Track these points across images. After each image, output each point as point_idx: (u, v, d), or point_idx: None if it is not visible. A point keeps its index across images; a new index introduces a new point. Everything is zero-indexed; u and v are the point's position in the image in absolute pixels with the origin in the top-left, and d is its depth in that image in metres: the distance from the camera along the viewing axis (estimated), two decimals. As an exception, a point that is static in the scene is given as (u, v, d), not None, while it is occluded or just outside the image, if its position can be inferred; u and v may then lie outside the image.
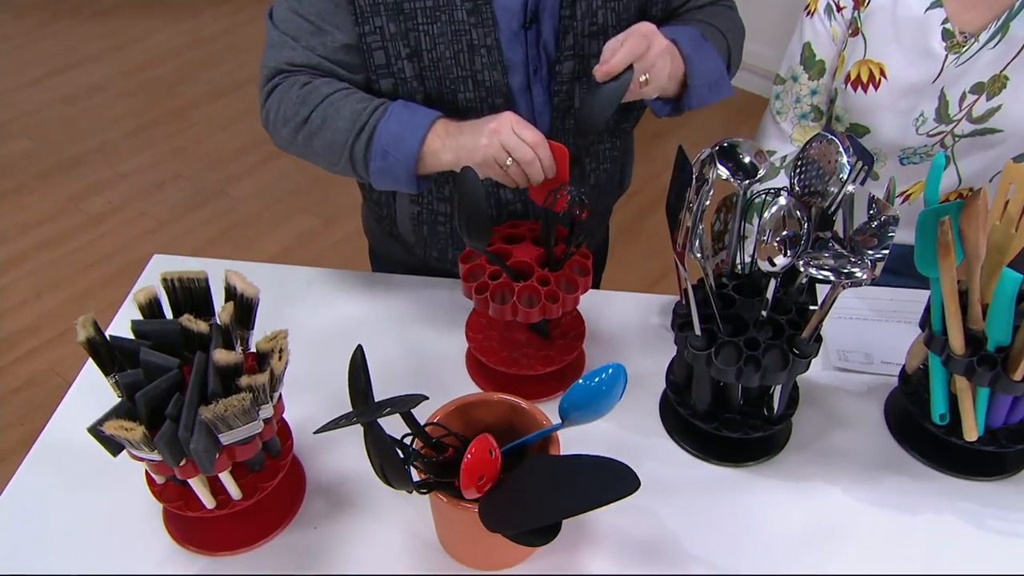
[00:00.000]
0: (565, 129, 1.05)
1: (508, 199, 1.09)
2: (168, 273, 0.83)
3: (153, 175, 2.90)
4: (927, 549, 0.88)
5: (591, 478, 0.67)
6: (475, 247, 0.92)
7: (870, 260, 0.79)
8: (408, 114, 0.95)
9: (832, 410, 1.02)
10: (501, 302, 0.94)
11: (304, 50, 0.98)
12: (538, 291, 0.93)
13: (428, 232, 1.15)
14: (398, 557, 0.87)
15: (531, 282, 0.94)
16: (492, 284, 0.94)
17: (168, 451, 0.73)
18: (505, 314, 0.93)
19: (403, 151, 0.94)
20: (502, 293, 0.94)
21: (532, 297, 0.93)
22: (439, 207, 1.11)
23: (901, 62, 1.09)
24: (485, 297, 0.94)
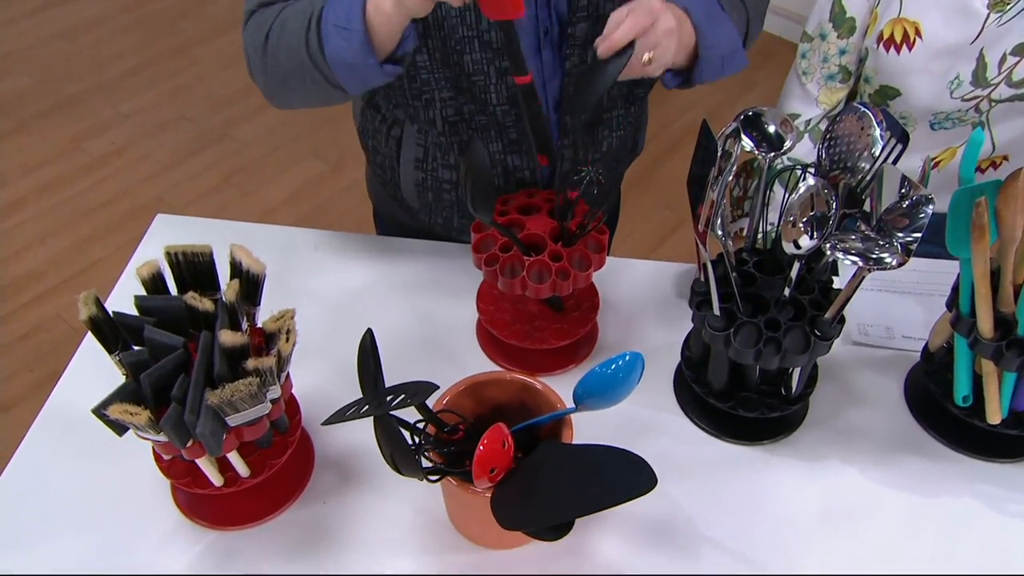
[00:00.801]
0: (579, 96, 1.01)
1: (515, 165, 1.05)
2: (172, 247, 0.80)
3: (156, 115, 2.84)
4: (945, 532, 0.87)
5: (607, 474, 0.65)
6: (481, 218, 0.88)
7: (900, 244, 0.76)
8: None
9: (850, 387, 1.00)
10: (511, 275, 0.91)
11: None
12: (549, 267, 0.90)
13: (433, 199, 1.11)
14: (408, 534, 0.87)
15: (542, 257, 0.91)
16: (503, 257, 0.91)
17: (174, 434, 0.72)
18: (514, 288, 0.90)
19: (350, 17, 0.85)
20: (512, 266, 0.92)
21: (543, 272, 0.91)
22: (444, 174, 1.07)
23: (938, 21, 1.04)
24: (495, 270, 0.91)
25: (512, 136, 1.01)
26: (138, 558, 0.85)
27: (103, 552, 0.85)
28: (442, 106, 0.99)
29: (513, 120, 1.00)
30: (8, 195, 2.54)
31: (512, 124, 1.00)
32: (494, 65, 0.95)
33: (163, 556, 0.85)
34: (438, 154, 1.06)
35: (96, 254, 2.37)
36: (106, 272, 2.31)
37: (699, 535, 0.87)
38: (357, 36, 0.85)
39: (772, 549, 0.85)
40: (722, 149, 0.82)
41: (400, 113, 1.05)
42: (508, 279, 0.91)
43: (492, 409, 0.85)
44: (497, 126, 1.00)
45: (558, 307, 1.00)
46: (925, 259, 1.11)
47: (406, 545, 0.86)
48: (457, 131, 1.02)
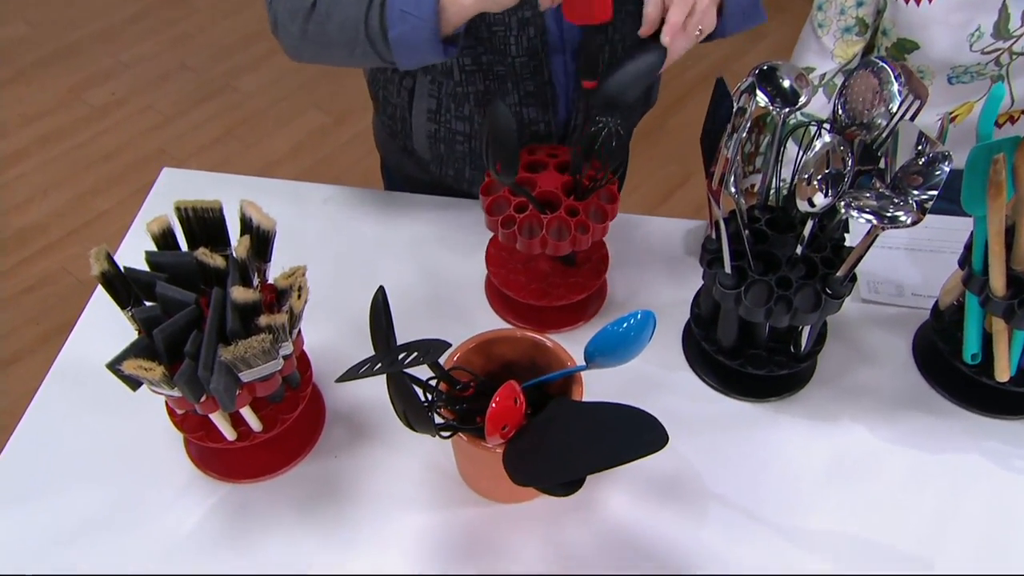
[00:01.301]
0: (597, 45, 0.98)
1: (531, 118, 1.03)
2: (182, 202, 0.80)
3: (157, 65, 2.80)
4: (950, 487, 0.88)
5: (618, 431, 0.65)
6: (504, 181, 0.87)
7: (915, 201, 0.75)
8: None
9: (859, 344, 1.00)
10: (530, 235, 0.90)
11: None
12: (567, 222, 0.89)
13: (445, 150, 1.10)
14: (418, 488, 0.88)
15: (560, 213, 0.90)
16: (519, 218, 0.91)
17: (188, 389, 0.72)
18: (534, 248, 0.90)
19: (422, 6, 0.85)
20: (530, 226, 0.91)
21: (562, 229, 0.90)
22: (457, 126, 1.06)
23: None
24: (513, 231, 0.90)
25: (529, 88, 1.00)
26: (153, 510, 0.86)
27: (118, 504, 0.86)
28: (460, 56, 0.97)
29: (531, 72, 0.98)
30: (8, 146, 2.52)
31: (530, 76, 0.99)
32: (516, 16, 0.93)
33: (177, 508, 0.86)
34: (452, 105, 1.04)
35: (100, 206, 2.36)
36: (110, 225, 2.31)
37: (706, 491, 0.88)
38: (427, 26, 0.85)
39: (778, 505, 0.86)
40: (737, 105, 0.80)
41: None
42: (527, 239, 0.90)
43: (502, 366, 0.86)
44: (515, 77, 0.98)
45: (571, 262, 1.00)
46: (937, 216, 1.10)
47: (416, 499, 0.87)
48: (473, 81, 1.00)
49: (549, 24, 0.96)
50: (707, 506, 0.86)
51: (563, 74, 1.01)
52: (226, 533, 0.84)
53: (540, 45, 0.96)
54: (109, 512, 0.86)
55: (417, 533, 0.85)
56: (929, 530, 0.85)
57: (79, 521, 0.85)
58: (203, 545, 0.83)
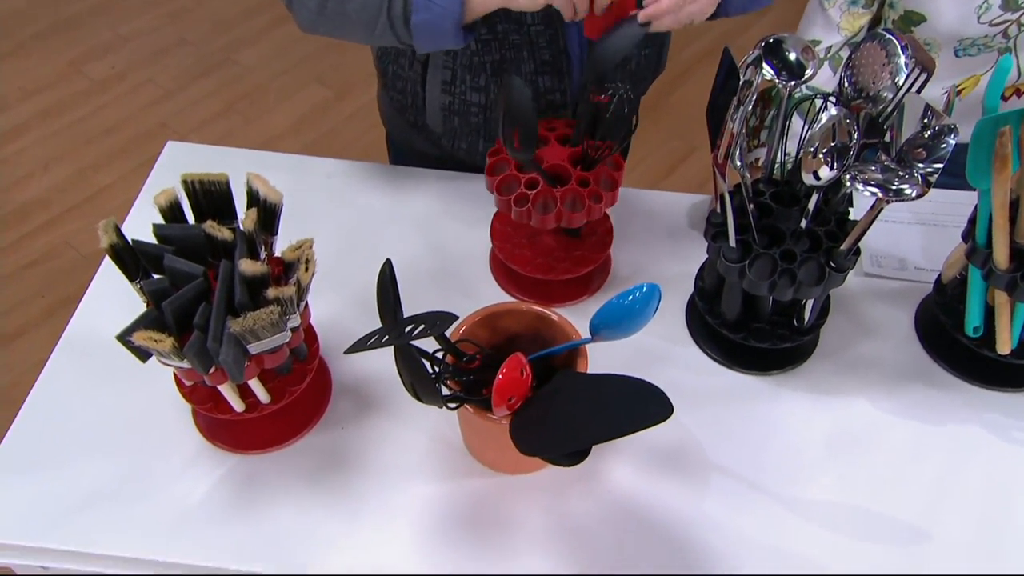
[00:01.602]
0: None
1: (547, 87, 1.03)
2: (188, 175, 0.80)
3: (156, 39, 2.78)
4: (951, 459, 0.89)
5: (623, 402, 0.66)
6: (522, 158, 0.87)
7: (920, 175, 0.76)
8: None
9: (861, 318, 1.00)
10: (544, 211, 0.90)
11: None
12: (580, 194, 0.90)
13: (459, 123, 1.10)
14: (424, 459, 0.89)
15: (572, 185, 0.90)
16: (532, 194, 0.90)
17: (198, 361, 0.73)
18: (548, 223, 0.90)
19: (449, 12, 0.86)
20: (544, 202, 0.91)
21: (576, 200, 0.90)
22: (472, 97, 1.06)
23: (967, -58, 1.01)
24: (526, 209, 0.90)
25: (545, 57, 1.00)
26: (162, 481, 0.87)
27: (128, 475, 0.87)
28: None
29: (547, 41, 0.98)
30: (8, 119, 2.51)
31: (546, 45, 0.99)
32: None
33: (186, 479, 0.87)
34: (467, 76, 1.04)
35: (101, 181, 2.35)
36: (112, 199, 2.30)
37: (709, 463, 0.89)
38: (451, 15, 0.86)
39: (780, 476, 0.87)
40: (743, 78, 0.80)
41: None
42: (541, 215, 0.90)
43: (507, 339, 0.86)
44: (530, 45, 0.98)
45: (577, 234, 1.00)
46: (941, 190, 1.10)
47: (422, 470, 0.88)
48: (489, 50, 1.00)
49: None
50: (709, 477, 0.87)
51: (577, 43, 1.01)
52: (235, 503, 0.85)
53: (556, 13, 0.95)
54: (119, 483, 0.87)
55: (423, 503, 0.86)
56: (929, 501, 0.86)
57: (89, 491, 0.86)
58: (212, 515, 0.85)
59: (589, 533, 0.84)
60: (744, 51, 0.84)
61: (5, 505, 0.85)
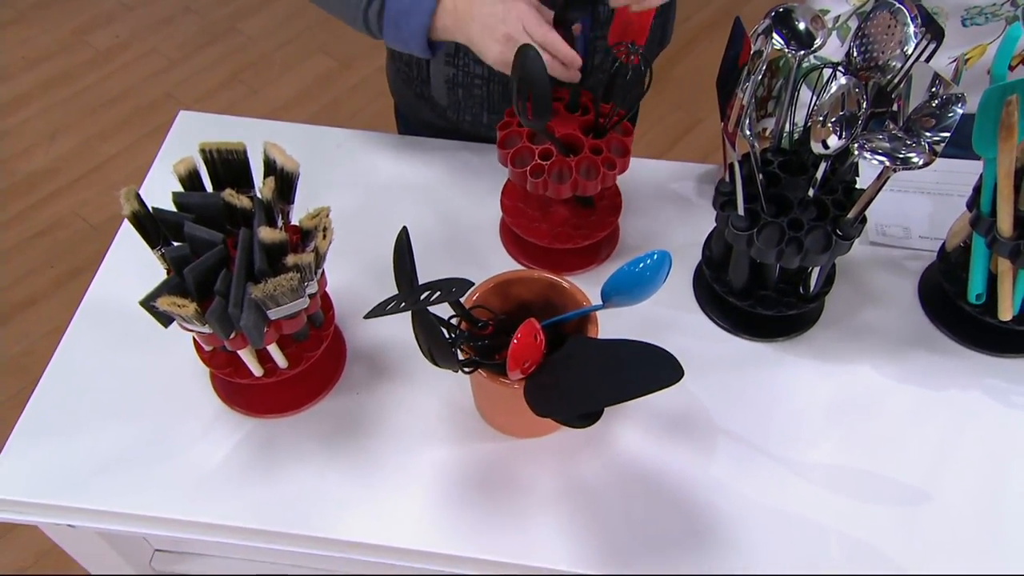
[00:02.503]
0: None
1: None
2: (207, 143, 0.81)
3: (160, 7, 2.77)
4: (952, 423, 0.91)
5: (635, 366, 0.68)
6: (536, 127, 0.88)
7: (927, 143, 0.77)
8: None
9: (866, 286, 1.02)
10: (559, 180, 0.91)
11: None
12: (595, 161, 0.91)
13: (463, 95, 1.11)
14: (437, 423, 0.91)
15: (586, 154, 0.91)
16: (547, 165, 0.92)
17: (219, 326, 0.75)
18: (563, 192, 0.91)
19: (413, 25, 0.92)
20: (560, 171, 0.92)
21: (590, 169, 0.91)
22: (476, 69, 1.07)
23: (977, -90, 1.00)
24: (543, 180, 0.91)
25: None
26: (182, 444, 0.89)
27: (149, 439, 0.89)
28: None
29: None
30: (12, 89, 2.51)
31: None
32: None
33: (206, 442, 0.89)
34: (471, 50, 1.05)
35: (107, 151, 2.36)
36: (119, 169, 2.31)
37: (715, 427, 0.91)
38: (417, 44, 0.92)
39: (785, 440, 0.90)
40: (753, 48, 0.81)
41: None
42: (557, 184, 0.91)
43: (518, 306, 0.88)
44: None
45: (591, 203, 1.01)
46: (946, 160, 1.11)
47: (435, 434, 0.90)
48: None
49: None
50: (716, 441, 0.90)
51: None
52: (253, 465, 0.88)
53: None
54: (140, 445, 0.89)
55: (435, 466, 0.88)
56: (930, 464, 0.88)
57: (111, 453, 0.88)
58: (231, 476, 0.87)
59: (598, 495, 0.86)
60: (750, 20, 0.85)
61: (32, 466, 0.87)
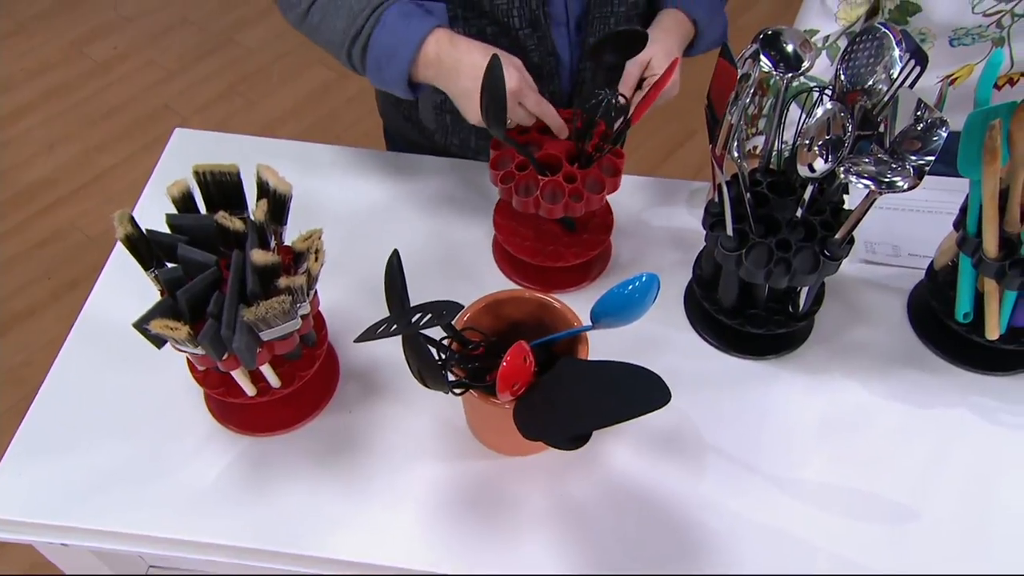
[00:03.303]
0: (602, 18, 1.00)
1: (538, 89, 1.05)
2: (200, 166, 0.82)
3: (158, 19, 2.79)
4: (939, 439, 0.92)
5: (624, 389, 0.69)
6: (494, 133, 0.90)
7: (912, 167, 0.78)
8: (402, 25, 0.90)
9: (855, 304, 1.03)
10: (525, 194, 0.93)
11: None
12: (563, 187, 0.92)
13: (451, 120, 1.12)
14: (429, 441, 0.92)
15: (556, 177, 0.92)
16: (518, 175, 0.93)
17: (212, 348, 0.76)
18: (528, 207, 0.93)
19: (394, 69, 0.92)
20: (527, 185, 0.93)
21: (556, 193, 0.92)
22: None
23: (964, -67, 1.02)
24: (510, 187, 0.93)
25: (534, 59, 1.02)
26: (175, 462, 0.90)
27: (142, 457, 0.90)
28: (464, 27, 0.99)
29: (535, 43, 1.00)
30: (13, 100, 2.52)
31: (534, 47, 1.00)
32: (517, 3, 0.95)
33: (199, 461, 0.90)
34: None
35: (106, 162, 2.37)
36: (117, 181, 2.32)
37: (706, 444, 0.91)
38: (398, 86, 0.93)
39: (774, 458, 0.90)
40: (741, 71, 0.82)
41: None
42: (522, 198, 0.93)
43: (509, 325, 0.89)
44: (520, 49, 1.00)
45: (570, 227, 1.02)
46: (933, 177, 1.12)
47: (427, 452, 0.91)
48: None
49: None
50: (706, 459, 0.90)
51: (567, 46, 1.03)
52: (246, 484, 0.88)
53: (543, 17, 0.98)
54: (134, 464, 0.89)
55: (428, 484, 0.89)
56: (918, 481, 0.89)
57: (105, 472, 0.89)
58: (225, 495, 0.88)
59: (589, 513, 0.87)
60: (741, 34, 0.86)
61: (26, 484, 0.88)
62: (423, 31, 0.90)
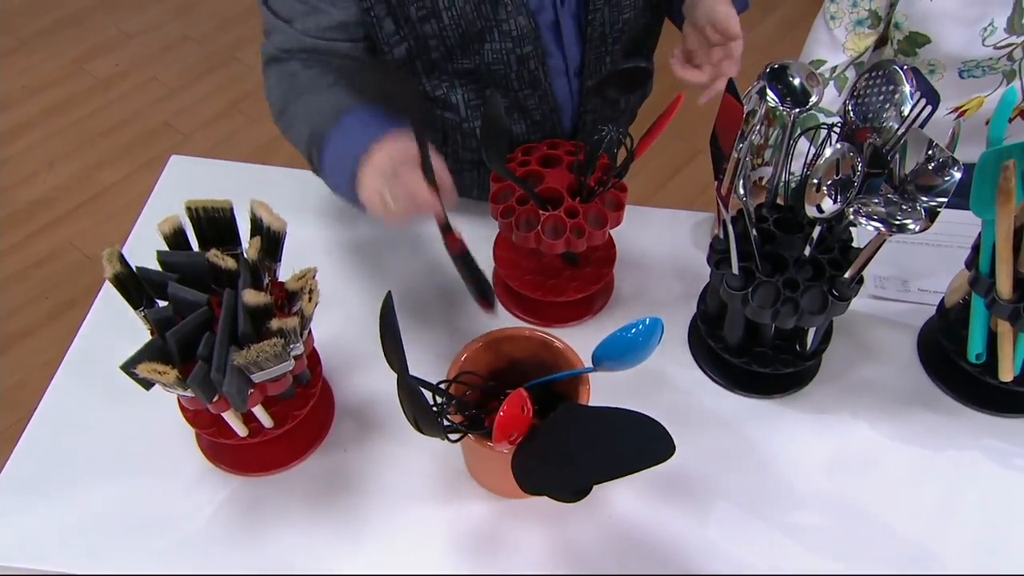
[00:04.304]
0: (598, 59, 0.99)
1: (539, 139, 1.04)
2: (192, 202, 0.80)
3: (160, 36, 2.78)
4: (950, 484, 0.89)
5: (626, 439, 0.66)
6: (494, 168, 0.88)
7: (923, 208, 0.75)
8: (343, 142, 0.85)
9: (863, 341, 1.01)
10: (527, 229, 0.91)
11: (297, 34, 0.93)
12: (564, 222, 0.90)
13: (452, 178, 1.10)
14: (426, 481, 0.89)
15: (558, 212, 0.90)
16: (519, 209, 0.91)
17: (201, 391, 0.73)
18: (528, 242, 0.91)
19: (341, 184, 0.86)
20: (528, 219, 0.91)
21: (558, 228, 0.90)
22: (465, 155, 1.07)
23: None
24: (510, 222, 0.91)
25: (536, 117, 1.02)
26: (165, 503, 0.87)
27: (131, 498, 0.88)
28: (463, 92, 0.98)
29: (536, 102, 1.00)
30: (13, 118, 2.51)
31: (535, 106, 1.00)
32: (514, 54, 0.95)
33: (189, 502, 0.88)
34: (459, 138, 1.05)
35: (105, 180, 2.35)
36: (116, 199, 2.31)
37: (710, 487, 0.89)
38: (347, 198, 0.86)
39: (782, 501, 0.88)
40: (747, 108, 0.80)
41: None
42: (523, 232, 0.90)
43: (509, 363, 0.87)
44: (520, 108, 0.99)
45: (573, 262, 1.00)
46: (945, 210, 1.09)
47: (424, 493, 0.89)
48: (479, 115, 1.02)
49: (550, 48, 0.96)
50: (711, 502, 0.88)
51: (568, 95, 1.02)
52: (238, 526, 0.86)
53: (543, 75, 0.97)
54: (121, 505, 0.87)
55: (425, 526, 0.86)
56: (930, 526, 0.86)
57: (92, 514, 0.86)
58: (216, 537, 0.85)
59: (590, 558, 0.84)
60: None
61: (8, 529, 0.85)
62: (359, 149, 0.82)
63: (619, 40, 0.98)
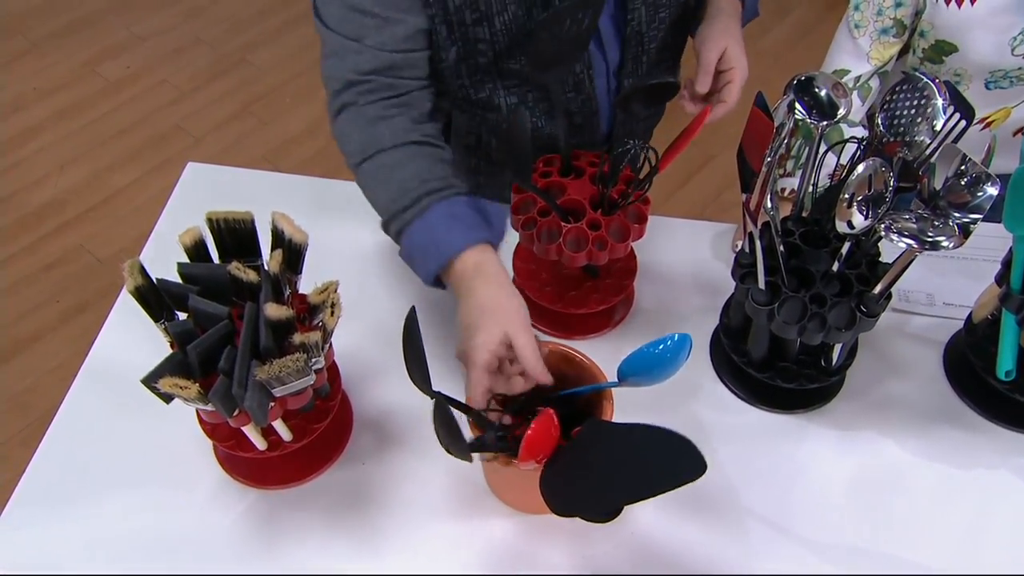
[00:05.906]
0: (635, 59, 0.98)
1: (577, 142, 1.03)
2: (213, 213, 0.79)
3: (171, 39, 2.77)
4: (978, 503, 0.88)
5: (655, 458, 0.65)
6: (519, 183, 0.87)
7: (956, 224, 0.74)
8: (443, 226, 0.83)
9: (889, 355, 0.99)
10: (548, 240, 0.90)
11: (372, 51, 0.86)
12: (586, 235, 0.88)
13: (484, 181, 1.10)
14: (445, 496, 0.88)
15: (580, 225, 0.89)
16: (540, 221, 0.90)
17: (222, 405, 0.72)
18: (550, 254, 0.89)
19: (422, 270, 0.85)
20: (549, 231, 0.90)
21: (579, 240, 0.89)
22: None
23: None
24: (532, 233, 0.90)
25: (577, 121, 1.00)
26: (182, 516, 0.87)
27: (148, 509, 0.87)
28: (506, 95, 0.97)
29: (579, 106, 0.98)
30: (24, 120, 2.51)
31: (577, 109, 0.99)
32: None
33: (208, 514, 0.87)
34: (493, 140, 1.04)
35: (117, 183, 2.35)
36: (128, 202, 2.30)
37: (734, 503, 0.88)
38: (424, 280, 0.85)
39: (806, 518, 0.87)
40: (776, 121, 0.79)
41: (446, 103, 1.01)
42: (545, 244, 0.89)
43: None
44: (563, 111, 0.98)
45: (593, 274, 0.99)
46: (970, 223, 1.08)
47: (444, 508, 0.87)
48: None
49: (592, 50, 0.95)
50: (735, 519, 0.87)
51: (605, 93, 1.01)
52: (255, 539, 0.85)
53: (587, 79, 0.96)
54: (138, 517, 0.86)
55: (444, 541, 0.85)
56: (957, 546, 0.85)
57: (109, 526, 0.86)
58: (233, 551, 0.84)
59: None
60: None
61: (26, 539, 0.85)
62: (461, 245, 0.81)
63: (655, 39, 0.97)
